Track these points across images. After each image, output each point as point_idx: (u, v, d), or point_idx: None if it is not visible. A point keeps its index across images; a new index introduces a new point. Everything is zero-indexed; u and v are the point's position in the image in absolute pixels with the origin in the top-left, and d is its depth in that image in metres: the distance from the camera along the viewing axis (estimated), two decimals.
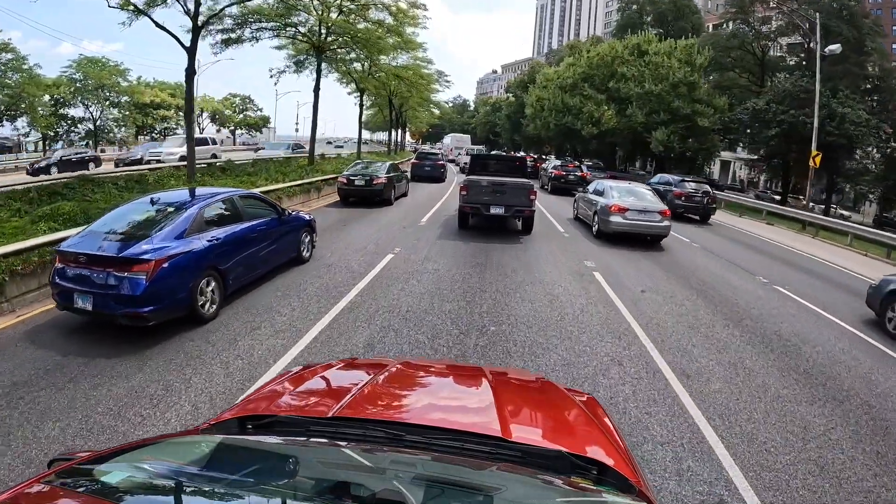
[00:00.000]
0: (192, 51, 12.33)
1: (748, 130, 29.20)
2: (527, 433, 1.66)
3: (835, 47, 21.02)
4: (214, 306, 5.72)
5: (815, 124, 21.23)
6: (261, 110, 61.97)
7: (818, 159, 20.75)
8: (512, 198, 11.18)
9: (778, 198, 37.08)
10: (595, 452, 1.56)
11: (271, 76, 17.92)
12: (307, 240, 8.26)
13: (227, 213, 6.26)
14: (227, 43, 15.96)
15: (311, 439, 1.48)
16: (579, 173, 24.24)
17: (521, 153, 48.41)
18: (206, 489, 1.18)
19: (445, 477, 1.31)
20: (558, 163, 27.72)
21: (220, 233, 5.92)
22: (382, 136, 71.40)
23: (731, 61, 34.73)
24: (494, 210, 11.18)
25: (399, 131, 54.64)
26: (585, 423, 1.86)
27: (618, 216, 11.66)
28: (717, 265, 10.92)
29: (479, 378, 2.20)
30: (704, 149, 31.87)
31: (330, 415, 1.58)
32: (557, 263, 9.47)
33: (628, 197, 12.27)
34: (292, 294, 6.75)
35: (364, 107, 39.24)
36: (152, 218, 5.60)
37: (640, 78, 31.90)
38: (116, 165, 23.91)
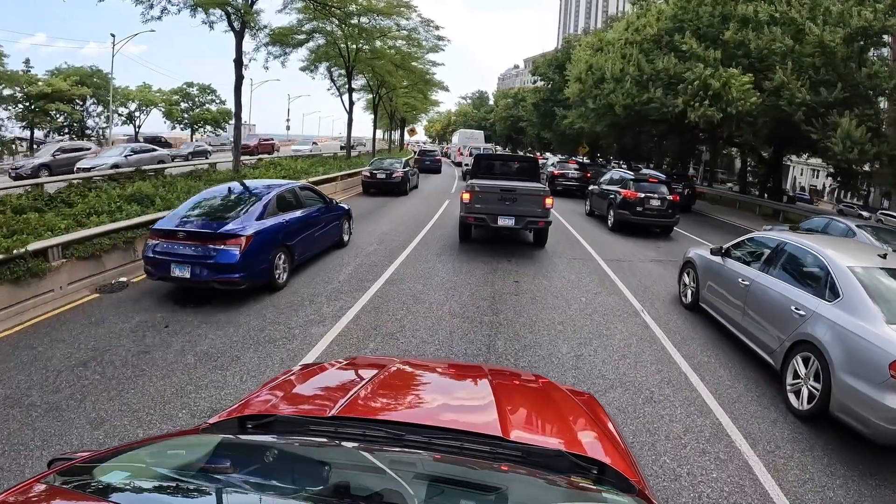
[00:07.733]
0: None
1: None
2: (527, 433, 1.68)
3: None
4: (285, 275, 6.99)
5: None
6: (223, 103, 49.40)
7: None
8: (524, 206, 9.56)
9: (867, 214, 27.69)
10: (595, 452, 1.58)
11: None
12: (346, 226, 9.53)
13: (290, 200, 7.47)
14: None
15: (312, 439, 1.50)
16: (668, 195, 13.91)
17: (550, 156, 39.35)
18: (207, 489, 1.19)
19: (446, 476, 1.33)
20: (628, 175, 15.13)
21: (287, 217, 7.15)
22: (394, 135, 56.05)
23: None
24: (503, 221, 9.55)
25: (391, 126, 49.27)
26: (585, 423, 1.86)
27: None
28: None
29: (480, 377, 2.25)
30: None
31: (330, 414, 1.59)
32: None
33: None
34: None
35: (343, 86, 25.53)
36: (234, 203, 6.80)
37: (789, 21, 17.02)
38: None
